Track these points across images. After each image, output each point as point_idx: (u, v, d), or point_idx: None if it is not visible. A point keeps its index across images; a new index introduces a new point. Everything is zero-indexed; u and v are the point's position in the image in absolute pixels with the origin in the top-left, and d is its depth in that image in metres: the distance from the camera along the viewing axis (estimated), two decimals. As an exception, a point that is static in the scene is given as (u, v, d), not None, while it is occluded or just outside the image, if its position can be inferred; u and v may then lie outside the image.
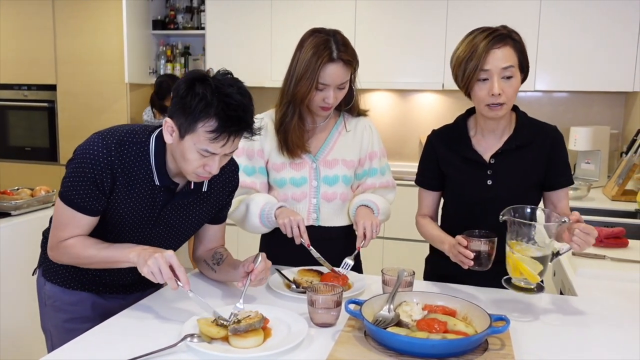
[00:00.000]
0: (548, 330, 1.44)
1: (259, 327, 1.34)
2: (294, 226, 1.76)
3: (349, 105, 1.96)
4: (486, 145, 1.78)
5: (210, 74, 1.43)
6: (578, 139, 3.64)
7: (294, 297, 1.62)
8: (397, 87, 4.35)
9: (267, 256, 1.58)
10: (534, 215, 1.56)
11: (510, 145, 1.75)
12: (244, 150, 1.91)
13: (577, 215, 1.53)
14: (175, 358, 1.25)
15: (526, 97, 4.23)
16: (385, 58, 4.13)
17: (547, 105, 4.23)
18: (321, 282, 1.59)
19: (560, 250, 1.56)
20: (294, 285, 1.71)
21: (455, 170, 1.81)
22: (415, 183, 1.94)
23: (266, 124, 1.91)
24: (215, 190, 1.66)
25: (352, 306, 1.40)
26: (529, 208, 1.56)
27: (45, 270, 1.71)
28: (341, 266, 1.78)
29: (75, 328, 1.54)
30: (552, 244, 1.52)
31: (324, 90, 1.80)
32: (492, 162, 1.76)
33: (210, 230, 1.75)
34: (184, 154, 1.43)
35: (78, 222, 1.50)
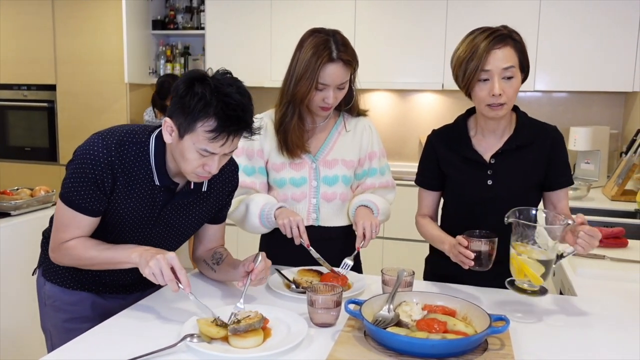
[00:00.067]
0: (548, 330, 1.44)
1: (259, 327, 1.34)
2: (293, 226, 1.76)
3: (348, 105, 1.96)
4: (486, 145, 1.78)
5: (210, 73, 1.42)
6: (578, 139, 3.64)
7: (293, 297, 1.62)
8: (397, 87, 4.35)
9: (267, 256, 1.58)
10: (539, 216, 1.56)
11: (511, 145, 1.75)
12: (244, 150, 1.91)
13: (582, 218, 1.53)
14: (175, 358, 1.25)
15: (526, 97, 4.22)
16: (385, 58, 4.13)
17: (547, 106, 4.23)
18: (321, 282, 1.59)
19: (564, 252, 1.56)
20: (294, 285, 1.71)
21: (455, 170, 1.81)
22: (415, 183, 1.94)
23: (266, 124, 1.91)
24: (215, 190, 1.65)
25: (352, 306, 1.40)
26: (534, 210, 1.56)
27: (45, 270, 1.71)
28: (340, 266, 1.78)
29: (75, 328, 1.54)
30: (557, 247, 1.51)
31: (323, 90, 1.80)
32: (493, 162, 1.76)
33: (210, 230, 1.75)
34: (184, 153, 1.42)
35: (79, 223, 1.50)
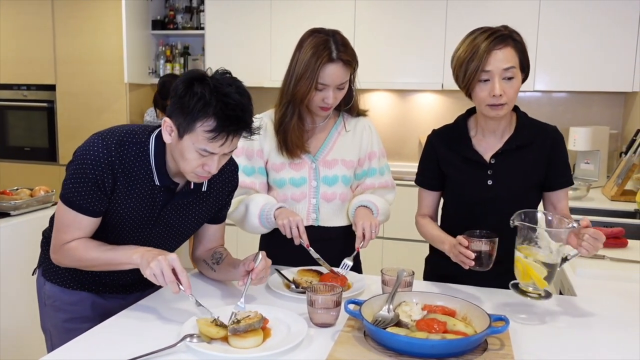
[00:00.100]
0: (547, 330, 1.44)
1: (259, 327, 1.34)
2: (293, 227, 1.76)
3: (348, 106, 1.96)
4: (486, 146, 1.78)
5: (209, 73, 1.42)
6: (577, 139, 3.64)
7: (293, 297, 1.62)
8: (397, 87, 4.35)
9: (267, 256, 1.58)
10: (546, 219, 1.55)
11: (511, 145, 1.75)
12: (243, 150, 1.91)
13: (587, 221, 1.52)
14: (174, 358, 1.25)
15: (525, 97, 4.22)
16: (384, 58, 4.13)
17: (547, 106, 4.23)
18: (320, 283, 1.59)
19: (568, 255, 1.55)
20: (294, 285, 1.71)
21: (455, 170, 1.81)
22: (415, 183, 1.94)
23: (265, 124, 1.91)
24: (215, 190, 1.65)
25: (352, 306, 1.40)
26: (540, 213, 1.55)
27: (45, 270, 1.71)
28: (340, 267, 1.78)
29: (75, 328, 1.54)
30: (563, 250, 1.50)
31: (323, 90, 1.79)
32: (493, 162, 1.76)
33: (210, 230, 1.75)
34: (183, 153, 1.42)
35: (80, 224, 1.50)
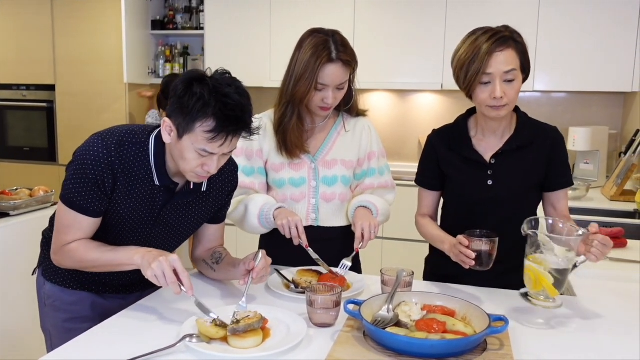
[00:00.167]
0: (547, 330, 1.44)
1: (258, 328, 1.34)
2: (292, 227, 1.76)
3: (348, 106, 1.96)
4: (487, 146, 1.78)
5: (209, 73, 1.42)
6: (577, 139, 3.64)
7: (293, 298, 1.62)
8: (396, 88, 4.35)
9: (266, 256, 1.58)
10: (556, 227, 1.54)
11: (511, 145, 1.75)
12: (243, 150, 1.91)
13: (596, 227, 1.51)
14: (174, 358, 1.25)
15: (525, 98, 4.22)
16: (384, 58, 4.13)
17: (546, 106, 4.24)
18: (320, 283, 1.59)
19: (577, 262, 1.54)
20: (293, 285, 1.71)
21: (455, 170, 1.81)
22: (415, 183, 1.94)
23: (265, 124, 1.91)
24: (215, 189, 1.65)
25: (351, 306, 1.40)
26: (551, 220, 1.54)
27: (44, 270, 1.71)
28: (339, 267, 1.78)
29: (75, 328, 1.54)
30: (574, 258, 1.49)
31: (323, 90, 1.79)
32: (493, 163, 1.76)
33: (210, 230, 1.75)
34: (183, 153, 1.42)
35: (80, 225, 1.50)
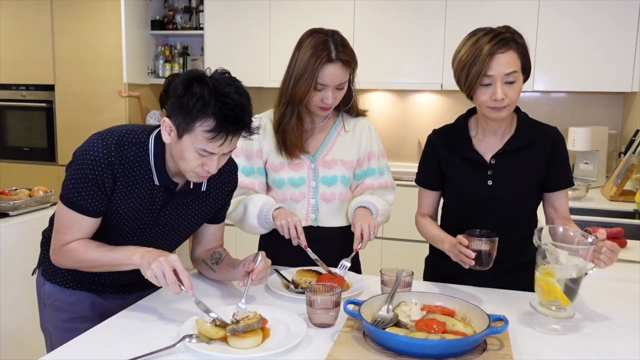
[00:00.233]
0: (547, 330, 1.44)
1: (258, 328, 1.34)
2: (291, 227, 1.76)
3: (347, 106, 1.96)
4: (487, 146, 1.78)
5: (208, 73, 1.42)
6: (577, 140, 3.64)
7: (292, 298, 1.62)
8: (396, 88, 4.35)
9: (266, 256, 1.58)
10: (566, 235, 1.52)
11: (511, 145, 1.75)
12: (243, 150, 1.91)
13: (604, 234, 1.50)
14: (174, 358, 1.25)
15: (525, 98, 4.22)
16: (384, 58, 4.13)
17: (546, 106, 4.24)
18: (319, 283, 1.59)
19: (586, 270, 1.51)
20: (293, 285, 1.71)
21: (455, 170, 1.81)
22: (415, 182, 1.94)
23: (265, 124, 1.91)
24: (215, 189, 1.65)
25: (351, 306, 1.40)
26: (562, 228, 1.54)
27: (44, 270, 1.71)
28: (337, 268, 1.78)
29: (75, 328, 1.54)
30: (586, 266, 1.47)
31: (322, 90, 1.79)
32: (493, 163, 1.76)
33: (209, 230, 1.75)
34: (183, 153, 1.42)
35: (80, 225, 1.50)
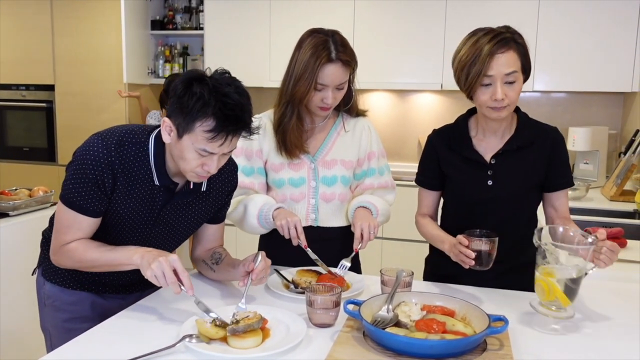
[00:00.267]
0: (546, 330, 1.44)
1: (258, 328, 1.34)
2: (291, 227, 1.76)
3: (347, 106, 1.96)
4: (487, 146, 1.78)
5: (208, 73, 1.42)
6: (576, 140, 3.64)
7: (292, 298, 1.62)
8: (396, 88, 4.35)
9: (266, 256, 1.58)
10: (566, 235, 1.52)
11: (511, 145, 1.75)
12: (243, 150, 1.91)
13: (604, 234, 1.50)
14: (173, 358, 1.25)
15: (525, 98, 4.22)
16: (384, 58, 4.13)
17: (546, 106, 4.24)
18: (319, 283, 1.59)
19: (586, 270, 1.51)
20: (293, 285, 1.71)
21: (455, 170, 1.81)
22: (415, 182, 1.93)
23: (265, 124, 1.91)
24: (215, 189, 1.65)
25: (351, 306, 1.40)
26: (562, 228, 1.53)
27: (44, 270, 1.71)
28: (337, 268, 1.78)
29: (75, 328, 1.54)
30: (587, 266, 1.47)
31: (322, 90, 1.79)
32: (493, 163, 1.76)
33: (209, 230, 1.75)
34: (183, 153, 1.42)
35: (80, 225, 1.50)
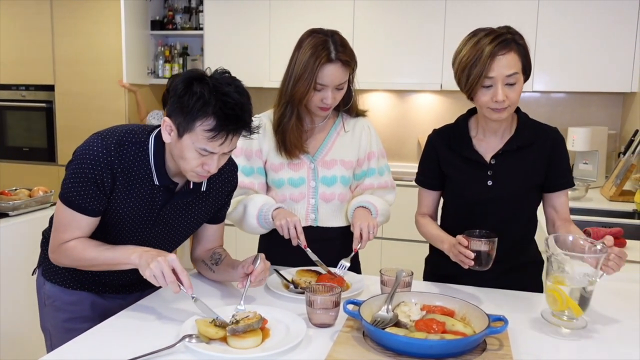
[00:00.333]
0: (546, 330, 1.44)
1: (258, 328, 1.34)
2: (290, 227, 1.76)
3: (347, 106, 1.96)
4: (487, 146, 1.78)
5: (208, 73, 1.43)
6: (576, 140, 3.64)
7: (292, 298, 1.62)
8: (396, 88, 4.35)
9: (266, 257, 1.58)
10: (577, 243, 1.51)
11: (511, 146, 1.75)
12: (243, 150, 1.91)
13: (612, 240, 1.49)
14: (173, 358, 1.25)
15: (524, 98, 4.22)
16: (383, 58, 4.13)
17: (545, 106, 4.24)
18: (319, 283, 1.59)
19: (597, 278, 1.49)
20: (293, 285, 1.71)
21: (455, 170, 1.81)
22: (415, 182, 1.94)
23: (264, 124, 1.91)
24: (214, 189, 1.65)
25: (351, 306, 1.40)
26: (571, 237, 1.53)
27: (44, 270, 1.71)
28: (337, 268, 1.78)
29: (75, 328, 1.54)
30: (593, 273, 1.45)
31: (322, 90, 1.79)
32: (493, 163, 1.76)
33: (209, 230, 1.75)
34: (183, 153, 1.43)
35: (78, 224, 1.50)
